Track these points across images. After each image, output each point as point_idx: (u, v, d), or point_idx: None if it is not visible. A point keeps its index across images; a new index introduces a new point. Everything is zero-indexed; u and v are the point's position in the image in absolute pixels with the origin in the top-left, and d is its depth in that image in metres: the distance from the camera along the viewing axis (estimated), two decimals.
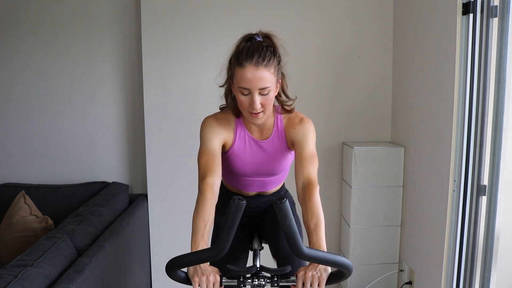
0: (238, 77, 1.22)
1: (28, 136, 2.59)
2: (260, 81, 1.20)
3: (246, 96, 1.23)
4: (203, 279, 1.07)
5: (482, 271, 1.68)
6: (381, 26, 2.45)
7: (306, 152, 1.30)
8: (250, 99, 1.23)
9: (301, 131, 1.34)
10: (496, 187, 1.59)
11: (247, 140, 1.39)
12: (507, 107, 1.54)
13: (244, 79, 1.20)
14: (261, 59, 1.20)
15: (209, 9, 2.37)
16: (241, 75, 1.20)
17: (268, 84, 1.21)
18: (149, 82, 2.40)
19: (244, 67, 1.20)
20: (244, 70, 1.20)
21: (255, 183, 1.50)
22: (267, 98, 1.24)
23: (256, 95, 1.22)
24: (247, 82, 1.20)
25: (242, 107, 1.27)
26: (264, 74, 1.20)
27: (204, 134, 1.33)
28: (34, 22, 2.49)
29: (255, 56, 1.20)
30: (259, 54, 1.20)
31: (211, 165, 1.26)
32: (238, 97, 1.25)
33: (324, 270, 1.07)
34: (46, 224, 2.10)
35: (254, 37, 1.28)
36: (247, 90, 1.21)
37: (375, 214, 2.34)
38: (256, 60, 1.19)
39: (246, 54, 1.20)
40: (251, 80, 1.20)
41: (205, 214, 1.16)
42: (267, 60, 1.21)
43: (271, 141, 1.39)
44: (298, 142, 1.33)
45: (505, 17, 1.51)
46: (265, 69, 1.20)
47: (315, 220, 1.15)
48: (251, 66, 1.19)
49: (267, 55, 1.21)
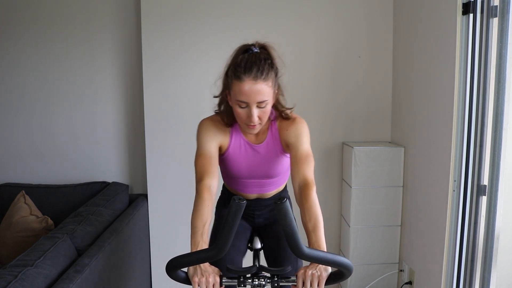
0: (236, 90, 1.21)
1: (28, 136, 2.59)
2: (258, 94, 1.20)
3: (243, 109, 1.24)
4: (202, 280, 1.07)
5: (482, 271, 1.68)
6: (381, 26, 2.45)
7: (301, 152, 1.30)
8: (248, 112, 1.23)
9: (294, 132, 1.34)
10: (496, 187, 1.59)
11: (242, 144, 1.40)
12: (507, 107, 1.54)
13: (242, 93, 1.20)
14: (259, 73, 1.19)
15: (209, 12, 2.37)
16: (239, 89, 1.20)
17: (266, 98, 1.22)
18: (149, 82, 2.40)
19: (243, 81, 1.19)
20: (242, 84, 1.19)
21: (253, 184, 1.50)
22: (264, 111, 1.24)
23: (254, 108, 1.22)
24: (245, 96, 1.20)
25: (239, 119, 1.27)
26: (262, 88, 1.20)
27: (200, 136, 1.34)
28: (35, 23, 2.49)
29: (254, 70, 1.19)
30: (258, 68, 1.19)
31: (208, 168, 1.27)
32: (236, 109, 1.25)
33: (324, 269, 1.07)
34: (46, 224, 2.10)
35: (251, 48, 1.26)
36: (245, 103, 1.22)
37: (375, 214, 2.34)
38: (255, 74, 1.19)
39: (244, 67, 1.19)
40: (249, 94, 1.19)
41: (203, 214, 1.17)
42: (266, 74, 1.20)
43: (266, 144, 1.40)
44: (292, 143, 1.33)
45: (505, 17, 1.51)
46: (263, 82, 1.20)
47: (313, 221, 1.15)
48: (249, 80, 1.19)
49: (265, 68, 1.21)
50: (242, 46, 1.29)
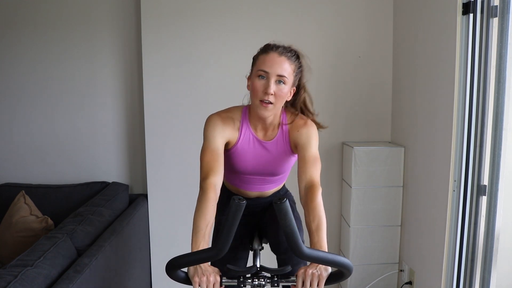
0: (260, 61, 1.28)
1: (28, 136, 2.59)
2: (280, 67, 1.25)
3: (262, 80, 1.26)
4: (203, 280, 1.07)
5: (482, 271, 1.68)
6: (381, 26, 2.45)
7: (309, 154, 1.32)
8: (266, 83, 1.26)
9: (306, 134, 1.35)
10: (496, 187, 1.59)
11: (251, 140, 1.40)
12: (507, 107, 1.54)
13: (265, 62, 1.26)
14: (285, 50, 1.28)
15: (209, 12, 2.37)
16: (263, 59, 1.27)
17: (286, 74, 1.27)
18: (149, 82, 2.40)
19: (268, 53, 1.27)
20: (268, 55, 1.27)
21: (256, 181, 1.50)
22: (281, 88, 1.27)
23: (273, 81, 1.25)
24: (268, 65, 1.25)
25: (255, 92, 1.28)
26: (285, 63, 1.27)
27: (208, 132, 1.33)
28: (35, 23, 2.49)
29: (281, 48, 1.29)
30: (284, 48, 1.29)
31: (214, 165, 1.26)
32: (254, 82, 1.28)
33: (324, 269, 1.08)
34: (46, 224, 2.10)
35: None
36: (266, 73, 1.25)
37: (375, 214, 2.34)
38: (281, 50, 1.27)
39: (272, 45, 1.29)
40: (272, 64, 1.25)
41: (207, 213, 1.16)
42: (291, 55, 1.29)
43: (275, 142, 1.40)
44: (301, 145, 1.34)
45: (505, 17, 1.51)
46: (287, 60, 1.27)
47: (316, 222, 1.16)
48: (275, 53, 1.27)
49: (292, 52, 1.30)
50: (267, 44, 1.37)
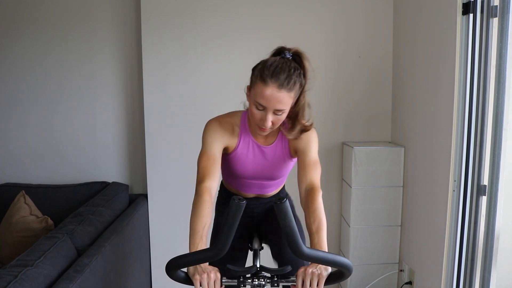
0: (258, 92, 1.20)
1: (28, 136, 2.59)
2: (278, 103, 1.19)
3: (260, 111, 1.23)
4: (204, 276, 1.07)
5: (482, 271, 1.68)
6: (381, 26, 2.45)
7: (309, 159, 1.32)
8: (263, 115, 1.22)
9: (305, 139, 1.34)
10: (496, 187, 1.58)
11: (251, 145, 1.40)
12: (507, 107, 1.54)
13: (263, 97, 1.18)
14: (286, 81, 1.17)
15: (209, 12, 2.37)
16: (261, 92, 1.18)
17: (284, 107, 1.21)
18: (149, 82, 2.40)
19: (267, 85, 1.17)
20: (265, 88, 1.17)
21: (255, 185, 1.51)
22: (279, 118, 1.24)
23: (270, 114, 1.21)
24: (265, 100, 1.19)
25: (253, 118, 1.26)
26: (284, 97, 1.19)
27: (206, 137, 1.34)
28: (35, 23, 2.49)
29: (281, 78, 1.17)
30: (286, 76, 1.17)
31: (210, 169, 1.27)
32: (252, 109, 1.24)
33: (324, 269, 1.08)
34: (46, 224, 2.10)
35: (285, 53, 1.24)
36: (263, 107, 1.21)
37: (375, 214, 2.34)
38: (281, 82, 1.17)
39: (272, 72, 1.17)
40: (270, 100, 1.18)
41: (203, 216, 1.16)
42: (292, 84, 1.19)
43: (274, 147, 1.40)
44: (301, 149, 1.34)
45: (505, 17, 1.51)
46: (286, 92, 1.18)
47: (317, 223, 1.16)
48: (274, 86, 1.17)
49: (293, 78, 1.19)
50: (278, 47, 1.28)
